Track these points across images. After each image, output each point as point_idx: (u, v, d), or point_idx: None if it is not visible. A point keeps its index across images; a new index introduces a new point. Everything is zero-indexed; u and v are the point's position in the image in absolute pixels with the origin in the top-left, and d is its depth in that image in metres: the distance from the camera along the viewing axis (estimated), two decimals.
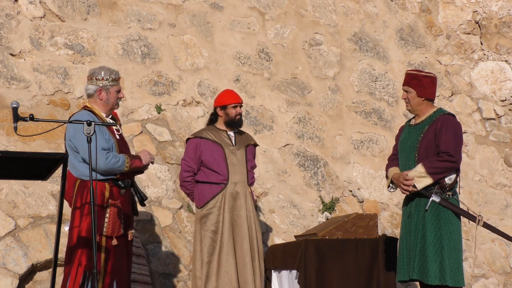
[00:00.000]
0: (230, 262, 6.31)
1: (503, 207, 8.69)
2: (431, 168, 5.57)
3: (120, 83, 5.40)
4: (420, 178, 5.59)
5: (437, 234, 5.55)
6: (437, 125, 5.67)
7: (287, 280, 6.75)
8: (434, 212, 5.60)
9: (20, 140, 7.10)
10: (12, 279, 6.72)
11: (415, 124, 5.83)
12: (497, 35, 9.22)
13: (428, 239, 5.54)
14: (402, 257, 5.72)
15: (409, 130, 5.86)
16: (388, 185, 5.86)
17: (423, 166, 5.59)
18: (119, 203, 5.20)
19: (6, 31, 7.40)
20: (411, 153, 5.73)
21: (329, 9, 8.80)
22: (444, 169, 5.60)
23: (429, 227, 5.57)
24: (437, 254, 5.52)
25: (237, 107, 6.50)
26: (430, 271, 5.49)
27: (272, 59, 8.39)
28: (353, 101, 8.59)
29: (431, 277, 5.49)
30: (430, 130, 5.68)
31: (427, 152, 5.65)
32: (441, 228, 5.56)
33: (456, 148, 5.63)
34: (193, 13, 8.20)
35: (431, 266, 5.50)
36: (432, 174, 5.57)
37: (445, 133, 5.62)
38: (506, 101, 9.08)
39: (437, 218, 5.58)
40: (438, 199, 5.59)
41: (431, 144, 5.66)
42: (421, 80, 5.78)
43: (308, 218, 7.97)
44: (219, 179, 6.39)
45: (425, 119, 5.77)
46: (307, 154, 8.21)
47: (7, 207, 6.91)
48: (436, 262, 5.50)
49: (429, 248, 5.53)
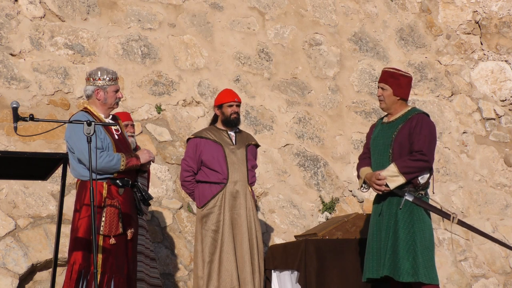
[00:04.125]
0: (230, 261, 6.30)
1: (503, 207, 8.68)
2: (404, 168, 5.52)
3: (118, 83, 5.40)
4: (393, 177, 5.54)
5: (410, 231, 5.50)
6: (412, 124, 5.61)
7: (287, 280, 6.75)
8: (408, 209, 5.55)
9: (20, 140, 7.10)
10: (12, 279, 6.72)
11: (388, 122, 5.77)
12: (497, 35, 9.22)
13: (401, 236, 5.49)
14: (372, 255, 5.65)
15: (382, 128, 5.80)
16: (361, 185, 5.80)
17: (396, 165, 5.54)
18: (117, 202, 5.19)
19: (6, 31, 7.40)
20: (385, 151, 5.68)
21: (329, 9, 8.80)
22: (417, 168, 5.55)
23: (402, 225, 5.52)
24: (410, 251, 5.46)
25: (233, 106, 6.46)
26: (402, 268, 5.43)
27: (272, 59, 8.39)
28: (353, 101, 8.59)
29: (403, 273, 5.43)
30: (404, 128, 5.63)
31: (401, 150, 5.60)
32: (414, 225, 5.51)
33: (430, 148, 5.59)
34: (193, 13, 8.20)
35: (403, 263, 5.44)
36: (405, 174, 5.52)
37: (419, 132, 5.58)
38: (506, 101, 9.08)
39: (410, 215, 5.53)
40: (412, 198, 5.54)
41: (405, 142, 5.60)
42: (398, 79, 5.72)
43: (308, 218, 7.97)
44: (219, 178, 6.39)
45: (399, 117, 5.72)
46: (307, 154, 8.21)
47: (7, 207, 6.91)
48: (408, 259, 5.44)
49: (401, 245, 5.47)
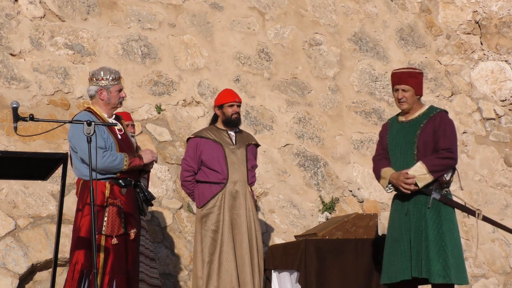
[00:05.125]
0: (230, 261, 6.30)
1: (503, 207, 8.68)
2: (432, 166, 5.52)
3: (121, 83, 5.41)
4: (421, 176, 5.54)
5: (439, 232, 5.50)
6: (436, 122, 5.61)
7: (287, 280, 6.75)
8: (435, 209, 5.55)
9: (20, 140, 7.10)
10: (12, 279, 6.72)
11: (408, 120, 5.75)
12: (497, 35, 9.21)
13: (430, 236, 5.48)
14: (403, 256, 5.60)
15: (401, 127, 5.77)
16: (386, 185, 5.76)
17: (424, 164, 5.54)
18: (120, 202, 5.19)
19: (6, 31, 7.40)
20: (408, 150, 5.65)
21: (329, 9, 8.80)
22: (444, 166, 5.56)
23: (431, 225, 5.51)
24: (440, 252, 5.45)
25: (234, 106, 6.46)
26: (433, 269, 5.42)
27: (272, 59, 8.39)
28: (353, 101, 8.59)
29: (434, 275, 5.42)
30: (428, 126, 5.62)
31: (425, 148, 5.60)
32: (443, 225, 5.50)
33: (455, 145, 5.62)
34: (193, 13, 8.20)
35: (434, 264, 5.43)
36: (433, 172, 5.52)
37: (444, 130, 5.59)
38: (506, 101, 9.08)
39: (438, 215, 5.53)
40: (438, 196, 5.55)
41: (429, 140, 5.60)
42: (417, 77, 5.72)
43: (308, 218, 7.97)
44: (219, 178, 6.38)
45: (420, 115, 5.70)
46: (307, 154, 8.21)
47: (7, 207, 6.91)
48: (439, 260, 5.43)
49: (431, 246, 5.46)
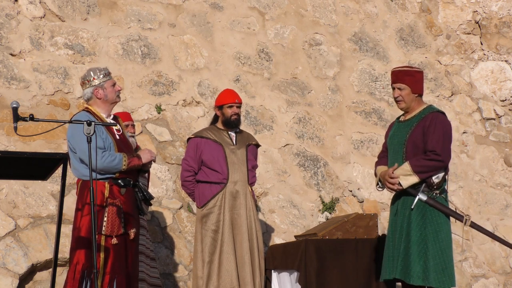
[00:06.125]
0: (230, 261, 6.30)
1: (503, 207, 8.68)
2: (418, 167, 5.50)
3: (112, 77, 5.40)
4: (406, 176, 5.52)
5: (422, 234, 5.47)
6: (426, 123, 5.58)
7: (287, 280, 6.75)
8: (420, 211, 5.52)
9: (20, 140, 7.10)
10: (12, 279, 6.72)
11: (404, 120, 5.75)
12: (497, 35, 9.22)
13: (413, 238, 5.46)
14: (388, 256, 5.64)
15: (398, 127, 5.78)
16: (377, 183, 5.80)
17: (410, 164, 5.51)
18: (119, 202, 5.20)
19: (6, 31, 7.40)
20: (399, 150, 5.65)
21: (329, 9, 8.80)
22: (430, 168, 5.51)
23: (414, 226, 5.49)
24: (421, 255, 5.43)
25: (233, 107, 6.45)
26: (413, 271, 5.41)
27: (272, 59, 8.39)
28: (353, 101, 8.59)
29: (414, 277, 5.41)
30: (418, 127, 5.60)
31: (414, 149, 5.57)
32: (427, 227, 5.48)
33: (444, 147, 5.55)
34: (193, 13, 8.20)
35: (414, 266, 5.41)
36: (419, 173, 5.50)
37: (433, 131, 5.54)
38: (506, 101, 9.08)
39: (423, 217, 5.50)
40: (425, 198, 5.52)
41: (419, 141, 5.57)
42: (414, 75, 5.69)
43: (308, 218, 7.97)
44: (219, 178, 6.39)
45: (415, 115, 5.68)
46: (307, 154, 8.21)
47: (7, 207, 6.91)
48: (419, 263, 5.42)
49: (413, 248, 5.44)
